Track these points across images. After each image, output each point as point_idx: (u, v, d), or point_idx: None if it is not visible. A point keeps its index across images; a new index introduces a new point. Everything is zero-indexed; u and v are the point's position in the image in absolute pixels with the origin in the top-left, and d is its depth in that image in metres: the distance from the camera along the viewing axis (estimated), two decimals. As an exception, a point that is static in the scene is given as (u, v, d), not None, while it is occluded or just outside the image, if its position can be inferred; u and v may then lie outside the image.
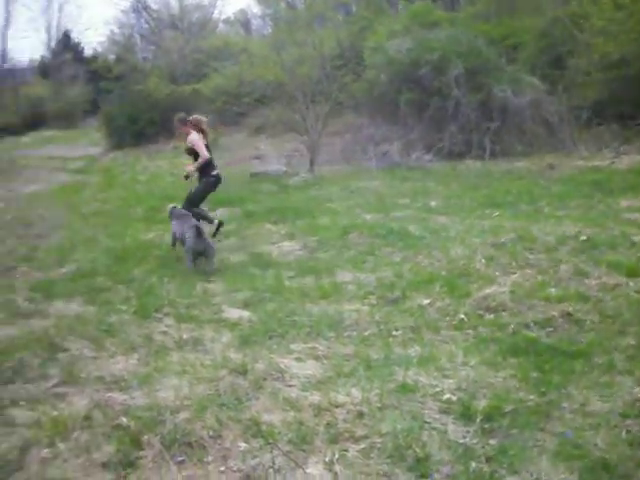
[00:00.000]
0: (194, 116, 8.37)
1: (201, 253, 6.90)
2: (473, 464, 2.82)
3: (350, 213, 8.98)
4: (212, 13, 43.24)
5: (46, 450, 3.17)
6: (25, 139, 34.43)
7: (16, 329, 5.22)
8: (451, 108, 13.65)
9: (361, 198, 10.17)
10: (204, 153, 7.87)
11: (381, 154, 13.57)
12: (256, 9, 45.51)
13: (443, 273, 5.83)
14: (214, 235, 8.10)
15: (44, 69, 45.42)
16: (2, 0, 52.13)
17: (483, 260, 5.95)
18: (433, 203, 9.20)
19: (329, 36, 13.98)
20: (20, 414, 3.62)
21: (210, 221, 8.33)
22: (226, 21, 45.96)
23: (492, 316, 4.75)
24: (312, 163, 13.66)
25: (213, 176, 8.21)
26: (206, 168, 8.08)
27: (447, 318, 4.82)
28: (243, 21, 46.76)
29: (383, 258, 6.67)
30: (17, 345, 4.73)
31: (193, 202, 8.24)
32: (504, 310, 4.81)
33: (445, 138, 13.57)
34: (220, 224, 8.32)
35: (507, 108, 13.52)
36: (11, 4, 45.92)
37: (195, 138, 7.90)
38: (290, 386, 3.79)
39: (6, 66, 47.14)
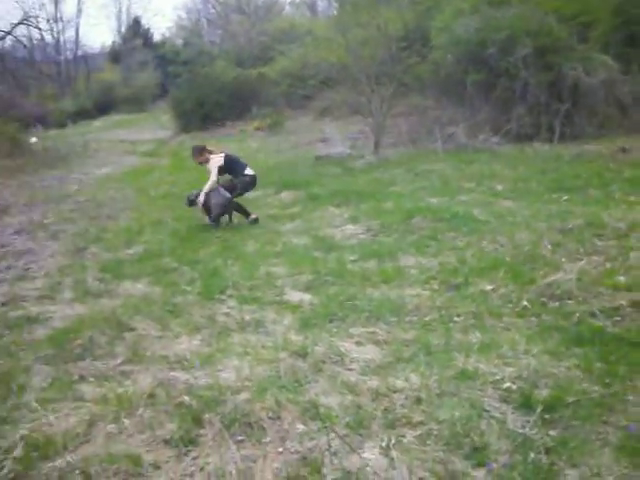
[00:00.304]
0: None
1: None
2: (532, 455, 2.76)
3: (414, 196, 8.89)
4: (278, -5, 43.47)
5: (112, 425, 3.29)
6: (97, 123, 35.50)
7: (86, 308, 5.44)
8: (519, 89, 13.30)
9: (426, 181, 10.06)
10: (212, 178, 8.34)
11: (447, 136, 13.36)
12: (322, -10, 45.50)
13: (507, 259, 5.71)
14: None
15: (115, 55, 46.65)
16: (74, -11, 53.45)
17: (549, 246, 5.79)
18: (499, 187, 9.02)
19: (394, 17, 13.77)
20: (88, 390, 3.77)
21: (247, 215, 8.61)
22: (292, 3, 46.12)
23: (557, 304, 4.63)
24: (377, 145, 13.59)
25: (247, 175, 8.59)
26: (237, 169, 8.56)
27: (510, 305, 4.72)
28: (309, 3, 46.69)
29: (446, 243, 6.58)
30: (87, 323, 4.93)
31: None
32: (569, 298, 4.67)
33: (513, 120, 13.23)
34: (255, 220, 8.53)
35: (578, 89, 13.06)
36: (83, -8, 46.89)
37: (212, 166, 8.44)
38: (349, 370, 3.80)
39: (79, 53, 48.63)
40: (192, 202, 8.60)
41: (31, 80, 43.04)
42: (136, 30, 46.50)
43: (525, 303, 4.67)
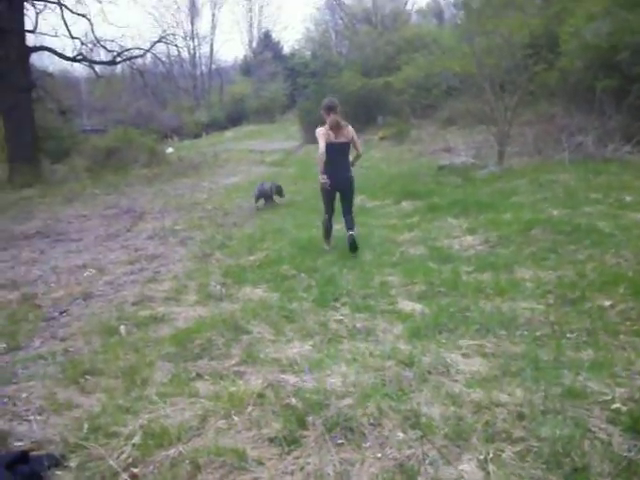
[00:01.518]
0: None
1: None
2: None
3: (535, 207, 8.67)
4: (405, 4, 43.58)
5: (222, 421, 3.50)
6: (228, 134, 36.97)
7: (207, 310, 5.75)
8: (655, 95, 12.62)
9: (549, 192, 9.77)
10: (321, 147, 7.17)
11: (575, 145, 12.87)
12: (450, -2, 45.06)
13: (630, 274, 5.48)
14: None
15: (246, 68, 48.54)
16: (208, 7, 56.11)
17: (677, 261, 5.52)
18: (628, 198, 8.60)
19: (519, 24, 13.45)
20: (204, 387, 4.02)
21: (327, 240, 7.94)
22: (419, 12, 45.98)
23: (681, 322, 4.42)
24: (501, 155, 13.33)
25: (325, 182, 7.27)
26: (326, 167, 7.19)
27: (628, 323, 4.54)
28: (436, 11, 46.41)
29: (566, 256, 6.39)
30: (207, 325, 5.22)
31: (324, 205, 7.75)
32: (696, 317, 4.45)
33: (646, 128, 12.56)
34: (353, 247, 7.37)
35: None
36: (217, 10, 49.21)
37: (319, 131, 7.35)
38: (454, 381, 3.81)
39: (213, 67, 50.99)
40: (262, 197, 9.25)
41: (169, 94, 45.56)
42: (266, 43, 48.14)
43: (645, 321, 4.48)
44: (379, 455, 3.04)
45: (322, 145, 7.15)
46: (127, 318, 5.75)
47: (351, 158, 7.70)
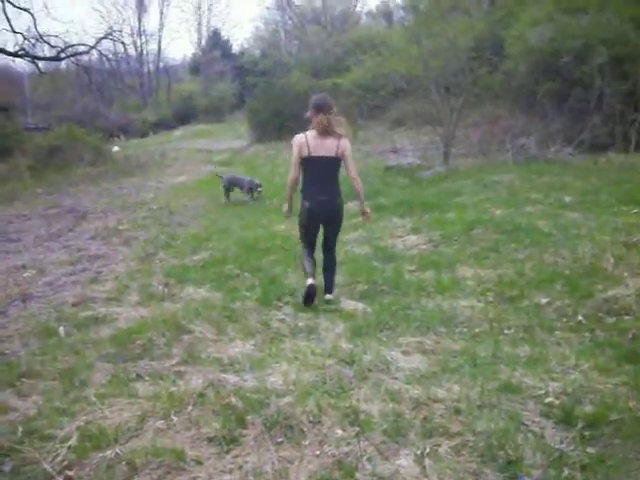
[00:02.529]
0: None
1: None
2: (566, 471, 2.74)
3: (479, 207, 8.82)
4: (355, 6, 43.80)
5: (161, 421, 3.44)
6: (177, 133, 36.52)
7: (149, 311, 5.66)
8: (594, 98, 12.99)
9: (493, 192, 9.95)
10: (290, 171, 5.61)
11: (518, 147, 13.16)
12: (399, 0, 45.54)
13: (567, 272, 5.63)
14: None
15: (195, 66, 48.08)
16: (156, 4, 55.48)
17: (612, 259, 5.67)
18: (567, 198, 8.83)
19: (465, 28, 13.68)
20: (143, 387, 3.95)
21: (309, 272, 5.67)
22: (369, 14, 46.30)
23: (613, 319, 4.55)
24: (446, 156, 13.52)
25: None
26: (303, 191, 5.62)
27: (564, 319, 4.67)
28: (385, 13, 46.76)
29: (506, 254, 6.53)
30: (148, 325, 5.14)
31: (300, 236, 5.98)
32: (627, 314, 4.58)
33: (586, 130, 12.93)
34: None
35: (656, 98, 12.66)
36: (165, 7, 48.61)
37: (294, 141, 5.58)
38: (394, 378, 3.84)
39: (161, 65, 50.40)
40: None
41: (115, 91, 44.82)
42: (215, 41, 47.76)
43: (580, 318, 4.62)
44: (318, 452, 3.04)
45: (293, 164, 5.54)
46: (67, 319, 5.61)
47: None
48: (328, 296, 5.63)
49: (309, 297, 5.52)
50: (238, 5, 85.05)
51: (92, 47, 24.38)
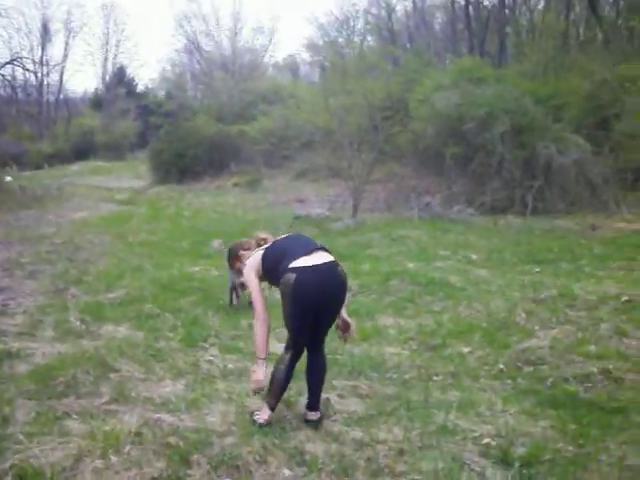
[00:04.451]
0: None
1: None
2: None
3: (391, 260, 9.11)
4: (263, 57, 44.66)
5: (99, 461, 3.33)
6: (74, 167, 35.44)
7: (68, 347, 5.46)
8: (495, 164, 13.87)
9: (403, 246, 10.31)
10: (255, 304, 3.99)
11: (423, 205, 13.74)
12: (305, 56, 46.93)
13: (483, 324, 5.93)
14: None
15: (97, 101, 47.08)
16: (62, 34, 54.29)
17: (523, 314, 6.03)
18: (474, 256, 9.29)
19: (379, 86, 14.31)
20: (74, 425, 3.80)
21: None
22: (275, 66, 47.28)
23: (531, 368, 4.83)
24: (355, 209, 13.88)
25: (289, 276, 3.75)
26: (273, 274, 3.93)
27: (486, 367, 4.91)
28: (292, 66, 47.97)
29: (424, 306, 6.79)
30: (70, 361, 4.94)
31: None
32: (543, 364, 4.88)
33: (487, 193, 13.72)
34: None
35: (551, 166, 13.64)
36: (70, 38, 47.57)
37: (248, 275, 4.05)
38: (333, 421, 3.91)
39: (61, 97, 49.04)
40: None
41: (10, 119, 43.13)
42: (120, 78, 47.08)
43: (501, 366, 4.87)
44: (268, 492, 3.05)
45: (253, 286, 4.02)
46: (-24, 352, 5.32)
47: None
48: (312, 415, 3.93)
49: None
50: (147, 44, 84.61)
51: (-6, 72, 23.51)
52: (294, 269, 3.72)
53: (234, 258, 5.48)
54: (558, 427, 3.77)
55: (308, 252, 3.84)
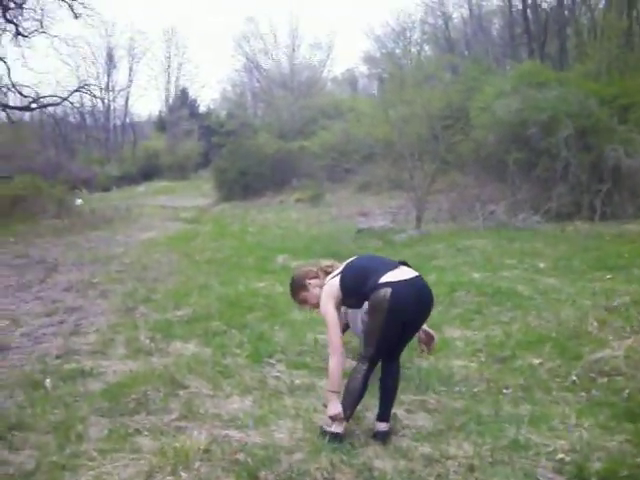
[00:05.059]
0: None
1: None
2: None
3: (457, 271, 8.99)
4: (321, 72, 44.98)
5: (170, 477, 3.39)
6: (140, 188, 36.45)
7: (138, 364, 5.58)
8: (560, 169, 13.57)
9: (468, 256, 10.17)
10: (332, 338, 3.92)
11: (488, 213, 13.54)
12: (363, 69, 47.06)
13: (553, 334, 5.76)
14: None
15: (161, 124, 48.32)
16: (126, 61, 56.10)
17: (595, 323, 5.84)
18: (541, 264, 9.08)
19: (438, 96, 14.23)
20: (145, 442, 3.88)
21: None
22: (334, 80, 47.56)
23: (605, 380, 4.67)
24: (419, 220, 13.80)
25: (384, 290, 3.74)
26: (355, 295, 4.00)
27: (558, 379, 4.77)
28: (350, 80, 48.16)
29: (491, 317, 6.66)
30: (140, 379, 5.05)
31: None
32: (618, 374, 4.71)
33: (553, 199, 13.42)
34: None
35: (619, 169, 13.26)
36: (134, 64, 49.12)
37: (326, 304, 3.99)
38: (402, 436, 3.87)
39: (127, 121, 50.62)
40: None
41: (79, 144, 44.68)
42: (183, 100, 48.22)
43: (574, 378, 4.72)
44: (338, 508, 3.04)
45: (331, 317, 3.94)
46: (51, 371, 5.48)
47: None
48: (382, 427, 3.88)
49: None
50: (207, 66, 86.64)
51: (64, 99, 24.45)
52: (389, 283, 3.74)
53: (299, 288, 4.50)
54: (635, 441, 3.62)
55: (392, 268, 3.90)
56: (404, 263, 4.03)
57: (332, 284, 4.05)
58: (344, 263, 4.25)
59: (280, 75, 41.50)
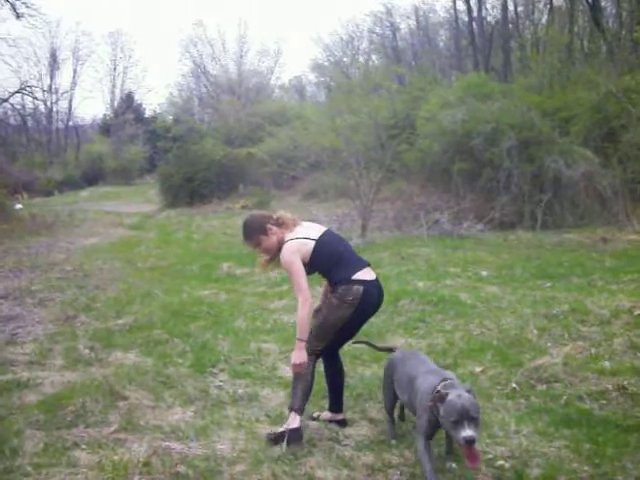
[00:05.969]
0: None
1: None
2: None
3: (401, 279, 9.05)
4: (269, 79, 45.01)
5: (109, 493, 3.31)
6: (84, 193, 35.69)
7: (77, 375, 5.44)
8: (503, 179, 13.83)
9: (412, 265, 10.24)
10: (302, 287, 3.97)
11: (432, 222, 13.67)
12: (311, 76, 47.27)
13: (495, 342, 5.85)
14: None
15: (105, 127, 47.50)
16: (70, 62, 54.93)
17: (535, 331, 5.96)
18: (484, 272, 9.23)
19: (384, 105, 14.36)
20: (83, 456, 3.78)
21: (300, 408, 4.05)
22: (282, 87, 47.61)
23: (544, 387, 4.76)
24: (364, 228, 13.84)
25: (357, 287, 3.99)
26: (322, 271, 4.21)
27: (499, 387, 4.84)
28: (298, 87, 48.29)
29: (434, 325, 6.72)
30: (79, 390, 4.94)
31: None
32: (556, 381, 4.81)
33: (496, 208, 13.67)
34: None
35: (559, 180, 13.58)
36: (79, 66, 48.15)
37: (292, 257, 4.01)
38: (344, 445, 3.86)
39: (70, 124, 49.55)
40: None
41: (20, 147, 43.55)
42: (128, 104, 47.52)
43: (514, 385, 4.80)
44: (279, 521, 3.00)
45: (297, 269, 4.01)
46: (-15, 383, 5.31)
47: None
48: (340, 416, 4.25)
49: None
50: (154, 70, 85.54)
51: (4, 100, 23.82)
52: (362, 281, 3.98)
53: (258, 230, 4.22)
54: (573, 447, 3.70)
55: (364, 266, 4.11)
56: (369, 264, 4.20)
57: (304, 243, 4.07)
58: (305, 224, 4.34)
59: (228, 81, 41.31)
